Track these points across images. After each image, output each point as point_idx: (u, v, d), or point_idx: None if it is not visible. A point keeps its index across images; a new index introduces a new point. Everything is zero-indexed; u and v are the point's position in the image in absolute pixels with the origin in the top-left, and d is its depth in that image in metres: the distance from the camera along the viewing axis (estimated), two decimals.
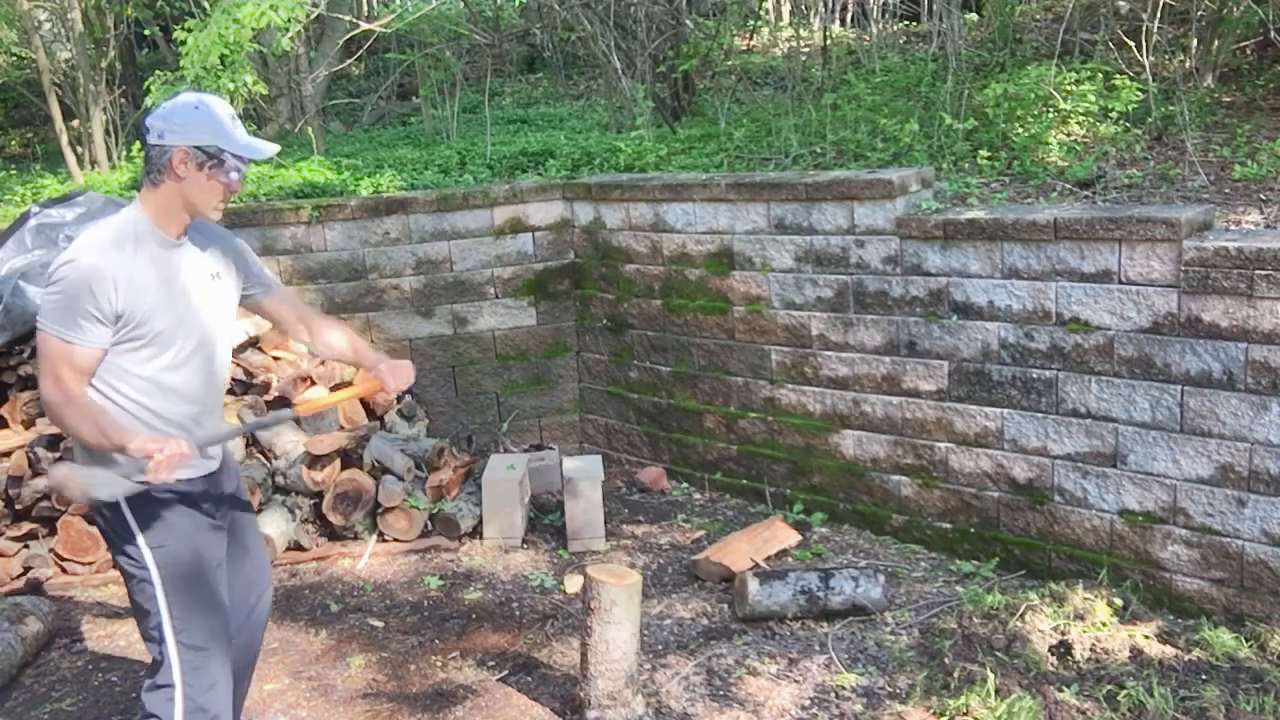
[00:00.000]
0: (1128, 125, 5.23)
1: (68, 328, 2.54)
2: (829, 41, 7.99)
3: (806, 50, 7.92)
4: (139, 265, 2.61)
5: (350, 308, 5.93)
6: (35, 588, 4.65)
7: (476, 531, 5.07)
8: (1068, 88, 5.40)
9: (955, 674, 3.50)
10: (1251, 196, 4.38)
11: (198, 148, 2.60)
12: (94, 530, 4.72)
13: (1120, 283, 3.96)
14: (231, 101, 6.13)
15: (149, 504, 2.69)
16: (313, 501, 5.00)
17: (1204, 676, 3.39)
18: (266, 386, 5.14)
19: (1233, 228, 3.99)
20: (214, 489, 2.88)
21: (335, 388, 5.30)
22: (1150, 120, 5.26)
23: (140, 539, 2.70)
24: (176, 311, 2.68)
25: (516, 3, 7.79)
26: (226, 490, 2.95)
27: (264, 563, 3.15)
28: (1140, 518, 4.06)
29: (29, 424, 5.02)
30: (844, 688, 3.65)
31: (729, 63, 8.02)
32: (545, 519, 5.31)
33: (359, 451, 5.08)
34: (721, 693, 3.67)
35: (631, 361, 5.90)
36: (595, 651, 3.39)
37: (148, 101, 6.44)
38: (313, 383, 5.21)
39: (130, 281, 2.58)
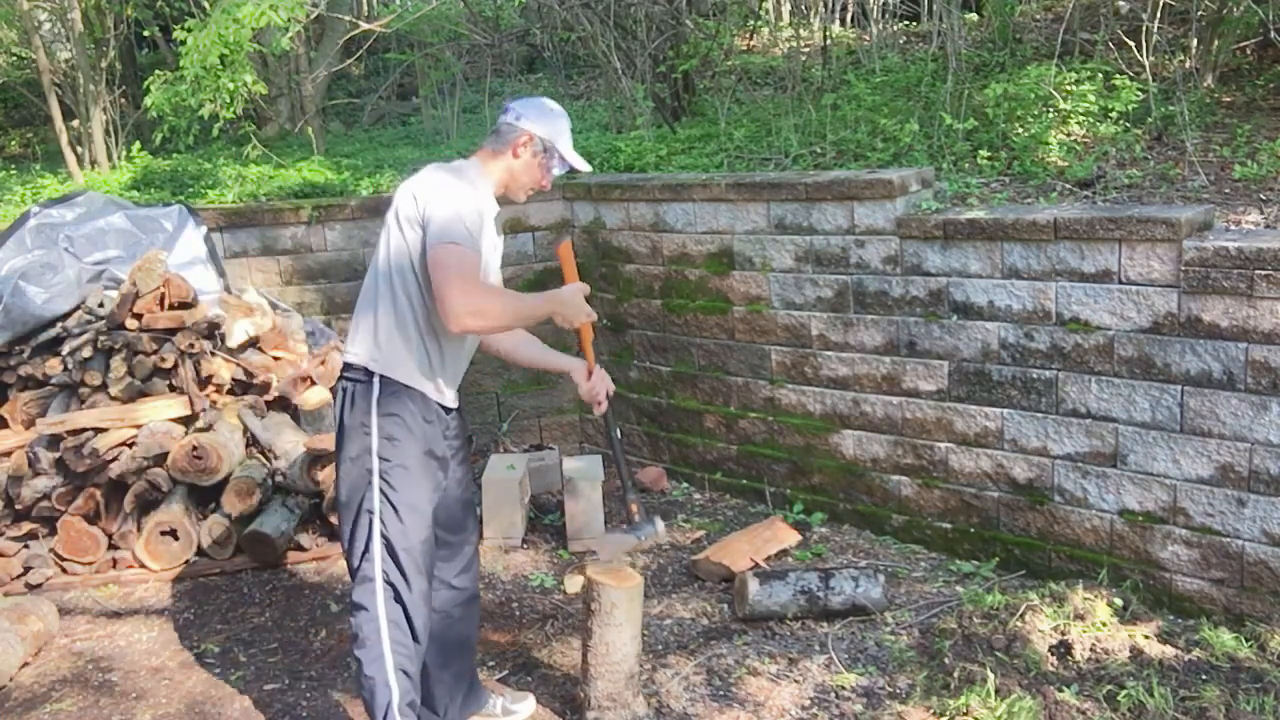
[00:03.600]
0: (1128, 125, 5.23)
1: (470, 241, 2.84)
2: (829, 41, 7.99)
3: (806, 50, 7.92)
4: (490, 210, 3.05)
5: (350, 308, 5.89)
6: (35, 588, 4.66)
7: None
8: (1068, 88, 5.40)
9: (955, 674, 3.50)
10: (1251, 196, 4.38)
11: (540, 138, 3.07)
12: (93, 530, 4.72)
13: (1120, 283, 3.96)
14: (230, 101, 6.13)
15: (391, 419, 2.95)
16: (313, 501, 5.00)
17: (1204, 676, 3.39)
18: (266, 386, 5.15)
19: (1233, 228, 3.99)
20: (450, 427, 3.15)
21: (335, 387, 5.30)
22: (1150, 120, 5.26)
23: (375, 434, 2.93)
24: (492, 264, 3.11)
25: (516, 3, 7.79)
26: (456, 434, 3.21)
27: (471, 518, 3.41)
28: (1140, 518, 4.06)
29: (29, 424, 5.02)
30: (844, 688, 3.65)
31: (729, 63, 8.01)
32: (545, 519, 5.31)
33: None
34: (722, 693, 3.68)
35: (631, 361, 5.90)
36: (595, 653, 3.39)
37: (147, 101, 6.43)
38: (312, 383, 5.21)
39: (487, 220, 3.00)
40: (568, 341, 6.18)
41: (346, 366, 3.03)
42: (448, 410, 3.13)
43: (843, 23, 8.94)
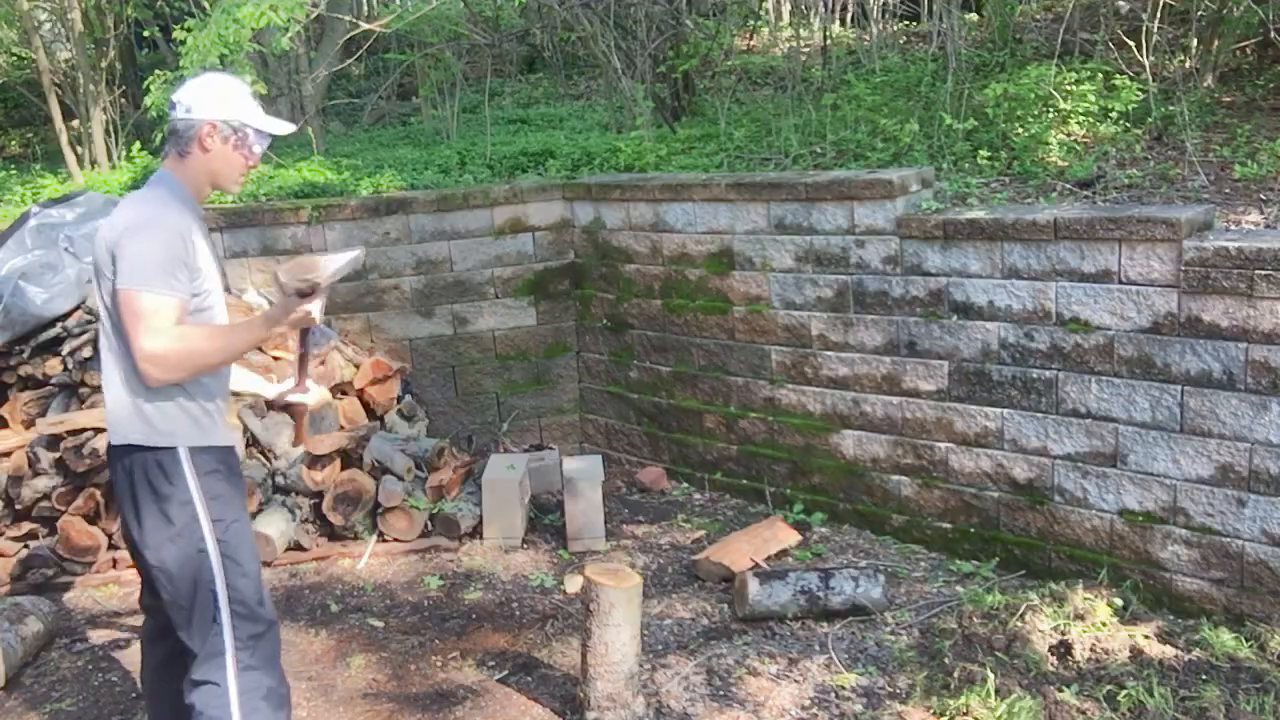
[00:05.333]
0: (1128, 125, 5.23)
1: (167, 282, 2.56)
2: (829, 41, 7.99)
3: (806, 50, 7.92)
4: (195, 223, 2.71)
5: (350, 308, 5.94)
6: (35, 588, 4.65)
7: (476, 531, 5.07)
8: (1068, 88, 5.40)
9: (955, 674, 3.50)
10: (1251, 196, 4.38)
11: (224, 121, 2.73)
12: (93, 530, 4.72)
13: (1120, 283, 3.96)
14: None
15: (211, 477, 2.72)
16: (313, 501, 5.00)
17: (1204, 676, 3.39)
18: None
19: (1233, 228, 3.99)
20: (238, 463, 2.92)
21: (335, 388, 5.30)
22: (1150, 120, 5.26)
23: (201, 511, 2.68)
24: (215, 274, 2.79)
25: (516, 3, 7.79)
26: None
27: None
28: (1140, 518, 4.06)
29: (29, 424, 5.02)
30: (844, 688, 3.65)
31: (729, 63, 8.02)
32: (545, 519, 5.31)
33: (359, 451, 5.08)
34: (721, 693, 3.67)
35: (631, 361, 5.90)
36: (595, 654, 3.39)
37: (147, 101, 6.43)
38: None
39: (197, 241, 2.68)
40: (568, 342, 6.20)
41: (123, 449, 2.70)
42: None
43: (843, 23, 8.94)
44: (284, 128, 2.86)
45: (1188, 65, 5.83)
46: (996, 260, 4.28)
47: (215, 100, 2.73)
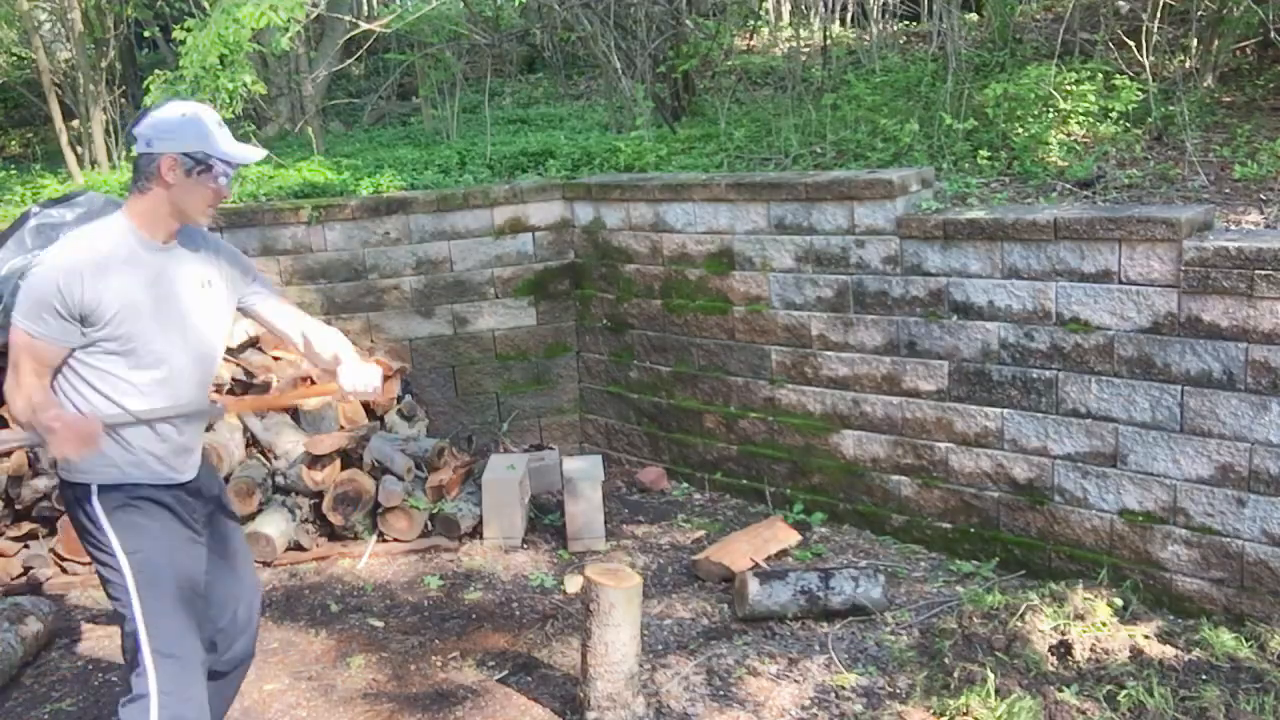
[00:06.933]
0: (1128, 125, 5.23)
1: (33, 321, 2.59)
2: (829, 41, 7.99)
3: (806, 50, 7.92)
4: (118, 268, 2.63)
5: (350, 308, 5.93)
6: (35, 588, 4.65)
7: (476, 531, 5.07)
8: (1068, 88, 5.40)
9: (955, 674, 3.51)
10: (1251, 196, 4.38)
11: (186, 154, 2.65)
12: None
13: (1120, 283, 3.96)
14: (230, 101, 6.13)
15: (124, 510, 2.68)
16: (313, 501, 5.00)
17: (1204, 676, 3.39)
18: (267, 387, 5.14)
19: (1233, 228, 3.99)
20: (191, 499, 2.85)
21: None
22: (1150, 120, 5.26)
23: (115, 543, 2.67)
24: (163, 316, 2.71)
25: (516, 3, 7.79)
26: (206, 500, 2.92)
27: (248, 576, 3.09)
28: (1140, 518, 4.06)
29: None
30: (844, 688, 3.65)
31: (729, 63, 8.02)
32: (545, 519, 5.31)
33: (359, 451, 5.08)
34: (722, 693, 3.68)
35: (631, 361, 5.90)
36: (595, 654, 3.39)
37: (147, 101, 6.43)
38: (312, 383, 5.20)
39: (104, 283, 2.60)
40: (568, 342, 6.20)
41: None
42: (183, 486, 2.82)
43: (843, 23, 8.94)
44: (253, 155, 2.78)
45: (1188, 65, 5.83)
46: (996, 260, 4.28)
47: (177, 132, 2.64)
